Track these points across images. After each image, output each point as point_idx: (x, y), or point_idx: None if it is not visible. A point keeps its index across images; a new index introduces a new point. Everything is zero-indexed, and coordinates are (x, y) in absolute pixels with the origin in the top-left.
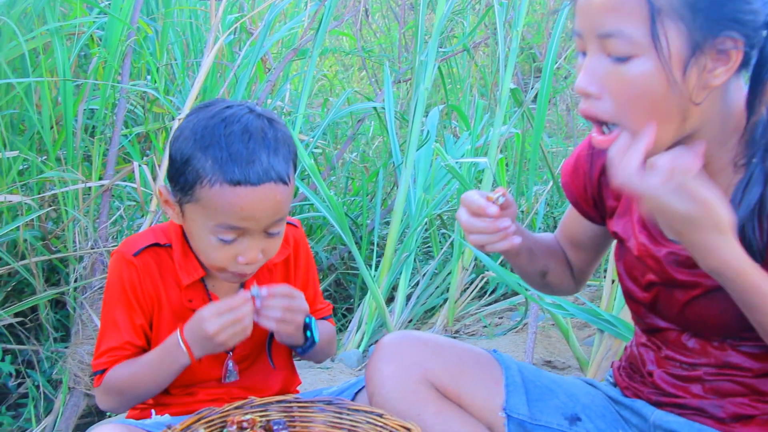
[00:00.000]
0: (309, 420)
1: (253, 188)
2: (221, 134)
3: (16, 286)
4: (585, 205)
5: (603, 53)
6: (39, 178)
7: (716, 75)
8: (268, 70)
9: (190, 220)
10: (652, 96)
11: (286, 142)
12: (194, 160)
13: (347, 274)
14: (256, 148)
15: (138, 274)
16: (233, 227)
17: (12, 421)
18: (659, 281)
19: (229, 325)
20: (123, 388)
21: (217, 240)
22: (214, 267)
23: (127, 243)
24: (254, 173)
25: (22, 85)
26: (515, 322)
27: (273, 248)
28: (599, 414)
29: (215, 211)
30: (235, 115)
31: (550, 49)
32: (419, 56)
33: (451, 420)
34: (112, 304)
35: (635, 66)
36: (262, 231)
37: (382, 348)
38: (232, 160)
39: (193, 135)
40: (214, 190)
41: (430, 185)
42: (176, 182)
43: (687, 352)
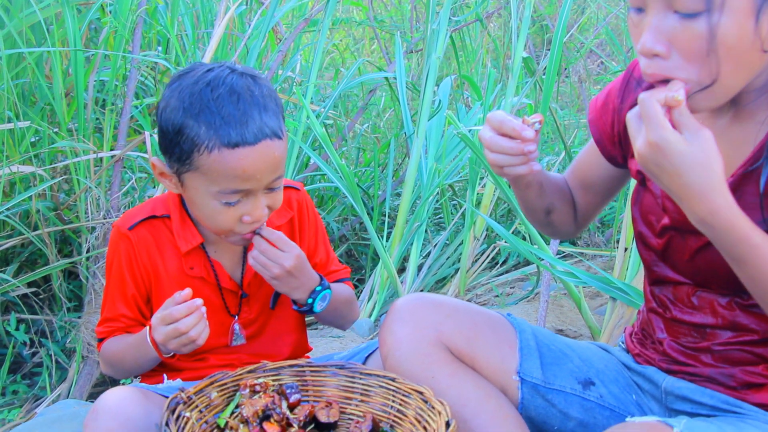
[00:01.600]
0: (321, 384)
1: (251, 148)
2: (209, 99)
3: (29, 256)
4: (609, 143)
5: (668, 10)
6: (51, 148)
7: None
8: (279, 40)
9: (191, 188)
10: (725, 50)
11: (273, 96)
12: (187, 129)
13: (359, 244)
14: (247, 108)
15: (133, 247)
16: (237, 190)
17: (27, 389)
18: (674, 225)
19: (173, 336)
20: (113, 362)
21: (221, 204)
22: (221, 231)
23: (125, 216)
24: (250, 132)
25: (33, 56)
26: (527, 291)
27: (277, 201)
28: (612, 379)
29: (217, 176)
30: (218, 77)
31: (561, 18)
32: (431, 25)
33: (465, 382)
34: (109, 276)
35: (706, 20)
36: (265, 188)
37: (397, 310)
38: (226, 123)
39: (181, 104)
40: (214, 156)
41: (442, 155)
42: (171, 153)
43: (694, 311)
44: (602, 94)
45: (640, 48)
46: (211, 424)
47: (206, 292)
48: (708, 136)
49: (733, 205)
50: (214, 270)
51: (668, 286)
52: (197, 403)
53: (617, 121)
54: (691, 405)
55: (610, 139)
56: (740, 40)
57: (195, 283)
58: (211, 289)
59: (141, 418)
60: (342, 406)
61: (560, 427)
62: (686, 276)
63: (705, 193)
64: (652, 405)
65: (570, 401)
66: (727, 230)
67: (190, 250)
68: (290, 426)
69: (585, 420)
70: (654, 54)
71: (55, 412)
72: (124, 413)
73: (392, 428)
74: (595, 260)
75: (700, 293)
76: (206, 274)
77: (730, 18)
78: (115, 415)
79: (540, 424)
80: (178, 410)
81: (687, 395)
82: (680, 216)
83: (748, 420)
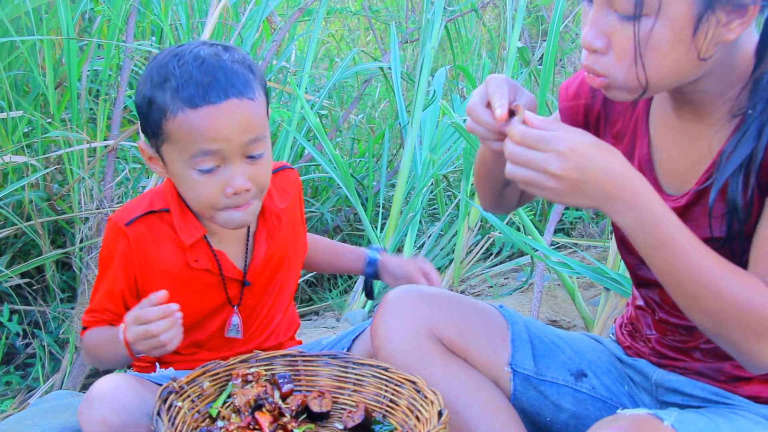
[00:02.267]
0: (314, 374)
1: (215, 106)
2: (174, 66)
3: (22, 247)
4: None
5: (610, 8)
6: (44, 138)
7: (731, 29)
8: (273, 30)
9: (169, 163)
10: (657, 54)
11: (246, 62)
12: (156, 99)
13: (353, 235)
14: (212, 70)
15: (129, 244)
16: (207, 152)
17: (20, 380)
18: None
19: (144, 338)
20: (90, 352)
21: (198, 173)
22: (206, 206)
23: (122, 211)
24: (213, 91)
25: (25, 45)
26: (521, 282)
27: (261, 175)
28: (605, 370)
29: (185, 140)
30: (186, 49)
31: (556, 8)
32: (426, 15)
33: (457, 374)
34: (102, 269)
35: (644, 24)
36: (241, 155)
37: (389, 302)
38: (188, 84)
39: (150, 77)
40: (178, 119)
41: (436, 146)
42: (147, 130)
43: (680, 313)
44: (574, 83)
45: (582, 41)
46: (203, 413)
47: (210, 284)
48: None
49: (644, 182)
50: (218, 261)
51: (654, 289)
52: (189, 393)
53: (591, 115)
54: (681, 397)
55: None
56: (673, 47)
57: (199, 275)
58: (215, 280)
59: (135, 404)
60: (335, 396)
61: (552, 418)
62: None
63: (625, 174)
64: (644, 397)
65: (562, 393)
66: (648, 207)
67: (194, 243)
68: (282, 415)
69: (577, 411)
70: (593, 49)
71: (48, 403)
72: (118, 399)
73: (385, 418)
74: (589, 251)
75: None
76: (211, 266)
77: (666, 25)
78: (109, 401)
79: (532, 415)
80: (170, 400)
81: (677, 387)
82: None
83: (738, 411)
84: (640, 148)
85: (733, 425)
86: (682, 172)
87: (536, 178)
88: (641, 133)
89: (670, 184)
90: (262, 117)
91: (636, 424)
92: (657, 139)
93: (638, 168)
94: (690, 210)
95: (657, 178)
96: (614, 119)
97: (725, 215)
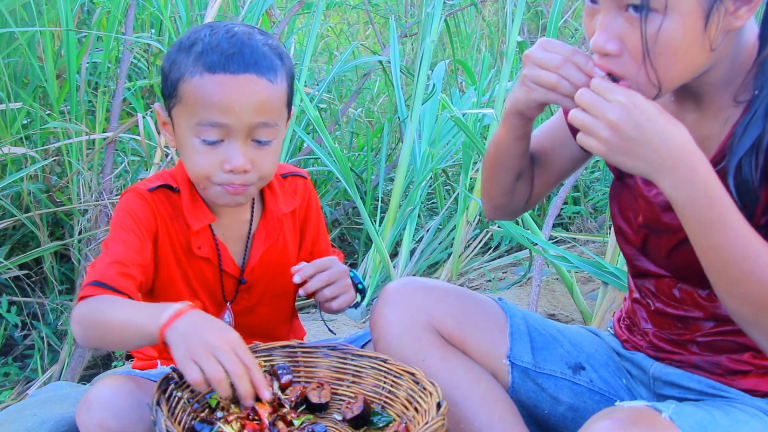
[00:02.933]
0: (313, 365)
1: (232, 76)
2: (206, 34)
3: (21, 239)
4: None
5: (620, 10)
6: (42, 129)
7: (739, 16)
8: (272, 23)
9: (177, 127)
10: (674, 50)
11: (277, 50)
12: (178, 60)
13: (351, 228)
14: (239, 44)
15: (152, 207)
16: (214, 123)
17: (18, 371)
18: (647, 224)
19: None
20: (90, 325)
21: (201, 142)
22: (201, 176)
23: (140, 183)
24: (234, 62)
25: (24, 36)
26: (519, 276)
27: (264, 161)
28: (603, 363)
29: (196, 104)
30: (221, 22)
31: (556, 3)
32: (426, 9)
33: (456, 366)
34: (119, 229)
35: (656, 23)
36: (247, 135)
37: (388, 294)
38: (212, 50)
39: (179, 42)
40: (195, 81)
41: (435, 140)
42: (164, 91)
43: (676, 303)
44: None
45: (593, 46)
46: (202, 404)
47: (208, 274)
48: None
49: (705, 159)
50: (219, 252)
51: (650, 279)
52: (188, 383)
53: None
54: (678, 390)
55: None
56: (688, 42)
57: (199, 263)
58: (213, 271)
59: (133, 408)
60: (334, 387)
61: (550, 410)
62: (666, 270)
63: (684, 147)
64: (641, 390)
65: (560, 385)
66: (705, 186)
67: (200, 230)
68: (282, 406)
69: (575, 404)
70: (606, 53)
71: (46, 394)
72: (116, 404)
73: (384, 409)
74: (587, 245)
75: (681, 285)
76: (212, 256)
77: (680, 20)
78: (107, 406)
79: (530, 407)
80: (169, 390)
81: (674, 381)
82: (652, 215)
83: (735, 404)
84: None
85: (730, 417)
86: None
87: (594, 124)
88: None
89: None
90: (278, 102)
91: (634, 416)
92: None
93: None
94: None
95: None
96: None
97: (737, 200)
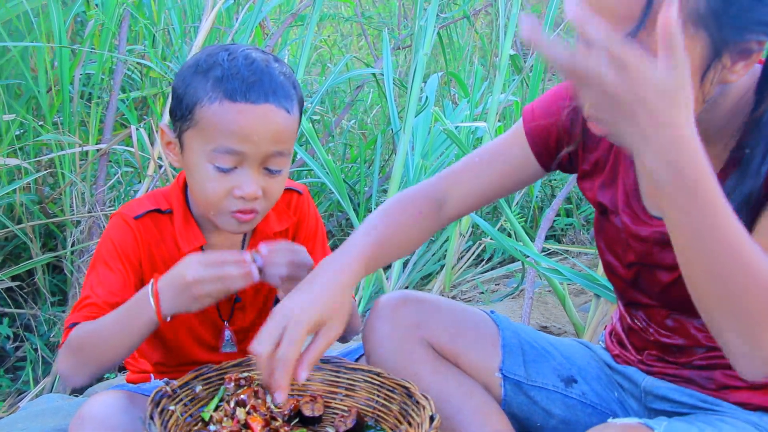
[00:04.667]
0: (306, 378)
1: (253, 106)
2: (224, 59)
3: (13, 250)
4: (545, 151)
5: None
6: (36, 141)
7: (734, 71)
8: (266, 35)
9: (188, 150)
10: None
11: (291, 79)
12: (195, 83)
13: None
14: (259, 73)
15: (136, 237)
16: (230, 150)
17: (10, 383)
18: (640, 262)
19: (211, 280)
20: (83, 345)
21: (214, 169)
22: (210, 202)
23: (128, 206)
24: (255, 92)
25: (17, 48)
26: (512, 288)
27: (273, 190)
28: (595, 376)
29: (213, 131)
30: (238, 47)
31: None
32: (419, 21)
33: (448, 379)
34: (102, 261)
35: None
36: (261, 163)
37: (380, 308)
38: (233, 77)
39: (195, 64)
40: (213, 108)
41: (428, 152)
42: (176, 113)
43: (671, 333)
44: (541, 103)
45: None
46: (195, 417)
47: None
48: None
49: (699, 140)
50: None
51: (641, 309)
52: (182, 397)
53: (565, 135)
54: (670, 404)
55: (550, 154)
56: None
57: None
58: None
59: (126, 424)
60: (327, 400)
61: (543, 423)
62: (659, 302)
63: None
64: (633, 403)
65: (552, 398)
66: (690, 165)
67: (191, 251)
68: (274, 420)
69: (567, 417)
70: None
71: (38, 406)
72: (109, 420)
73: (377, 422)
74: (579, 257)
75: (674, 315)
76: None
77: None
78: (100, 422)
79: (523, 420)
80: (162, 404)
81: (666, 395)
82: (648, 254)
83: (726, 418)
84: (624, 177)
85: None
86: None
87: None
88: (626, 163)
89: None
90: (292, 132)
91: None
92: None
93: (624, 197)
94: None
95: (645, 207)
96: (592, 146)
97: None
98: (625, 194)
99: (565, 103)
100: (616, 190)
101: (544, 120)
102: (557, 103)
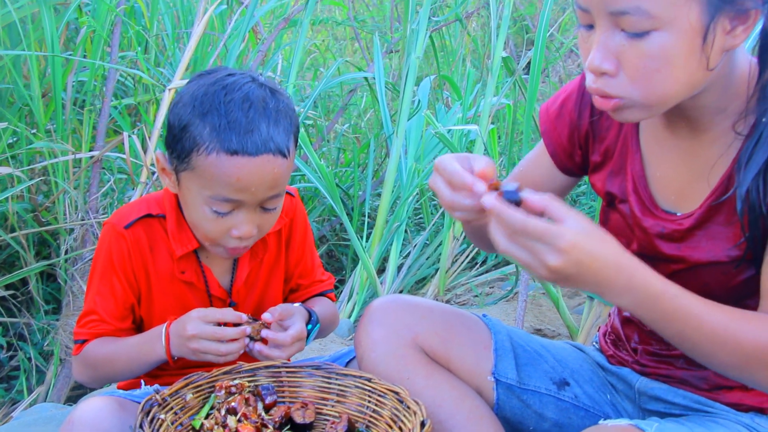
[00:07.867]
0: (297, 385)
1: (250, 159)
2: (221, 101)
3: (6, 258)
4: (565, 156)
5: (616, 28)
6: (28, 149)
7: (735, 35)
8: (258, 40)
9: (185, 188)
10: (672, 68)
11: (288, 114)
12: (192, 127)
13: (338, 245)
14: (256, 118)
15: (128, 247)
16: (228, 199)
17: (4, 392)
18: (642, 252)
19: (207, 337)
20: (98, 364)
21: (212, 212)
22: (207, 240)
23: (119, 214)
24: (252, 143)
25: (9, 56)
26: (506, 291)
27: (268, 224)
28: (587, 379)
29: (211, 180)
30: (236, 83)
31: (542, 18)
32: (411, 25)
33: (440, 383)
34: (99, 275)
35: (654, 40)
36: (258, 205)
37: (372, 312)
38: (230, 128)
39: (192, 101)
40: (211, 159)
41: (421, 155)
42: (173, 149)
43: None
44: (555, 105)
45: (588, 65)
46: (186, 425)
47: (194, 298)
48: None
49: (639, 264)
50: (205, 276)
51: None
52: (172, 405)
53: (576, 135)
54: (664, 405)
55: (565, 152)
56: (686, 60)
57: (184, 287)
58: (200, 294)
59: (116, 429)
60: (318, 407)
61: (536, 427)
62: None
63: (620, 261)
64: (626, 405)
65: (545, 402)
66: (645, 288)
67: (184, 255)
68: (265, 427)
69: (560, 420)
70: (602, 72)
71: (32, 416)
72: (99, 425)
73: (368, 428)
74: None
75: None
76: (196, 279)
77: (678, 37)
78: (90, 427)
79: (515, 424)
80: (152, 412)
81: (660, 395)
82: (649, 244)
83: (719, 419)
84: (632, 164)
85: None
86: (678, 189)
87: (534, 264)
88: (632, 149)
89: (666, 201)
90: (289, 172)
91: None
92: (649, 155)
93: (632, 184)
94: (700, 228)
95: (652, 194)
96: (602, 136)
97: (747, 230)
98: (633, 181)
99: (573, 96)
100: (625, 176)
101: (556, 121)
102: (568, 100)
